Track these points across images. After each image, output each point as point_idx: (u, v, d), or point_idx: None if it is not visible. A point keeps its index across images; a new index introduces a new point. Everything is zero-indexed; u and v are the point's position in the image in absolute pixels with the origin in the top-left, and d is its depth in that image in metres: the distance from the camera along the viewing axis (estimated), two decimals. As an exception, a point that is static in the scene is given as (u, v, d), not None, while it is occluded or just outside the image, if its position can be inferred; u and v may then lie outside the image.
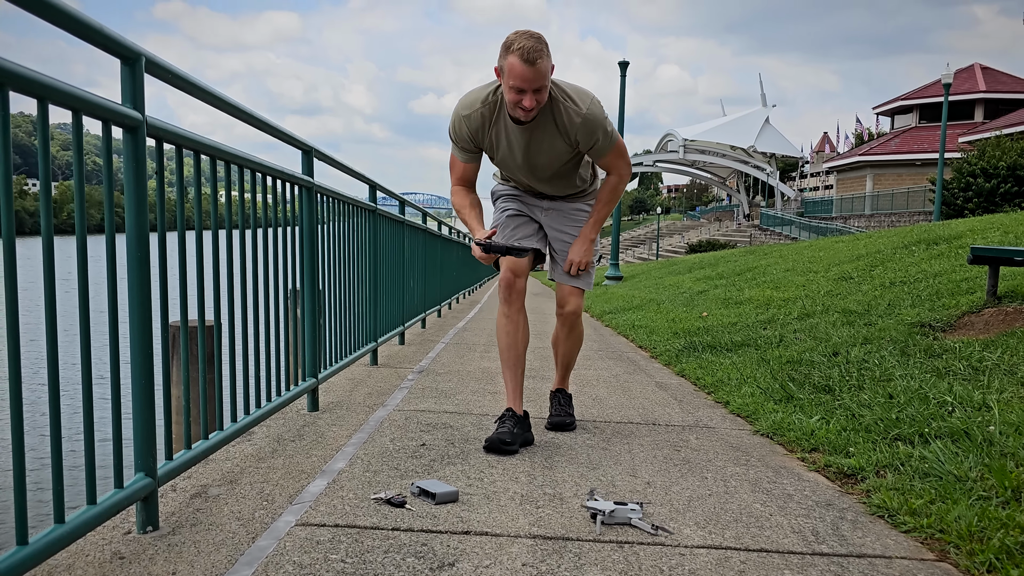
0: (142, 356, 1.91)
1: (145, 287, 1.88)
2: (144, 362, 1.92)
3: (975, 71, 40.31)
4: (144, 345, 1.91)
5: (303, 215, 3.42)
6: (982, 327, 4.86)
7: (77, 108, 1.62)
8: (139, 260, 1.86)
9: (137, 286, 1.86)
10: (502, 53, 2.68)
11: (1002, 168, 21.83)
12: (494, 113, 2.87)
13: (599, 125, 2.85)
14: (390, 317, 5.80)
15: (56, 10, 1.53)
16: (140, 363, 1.91)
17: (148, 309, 1.90)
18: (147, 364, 1.92)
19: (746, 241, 40.50)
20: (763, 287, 9.22)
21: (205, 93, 2.19)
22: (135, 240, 1.86)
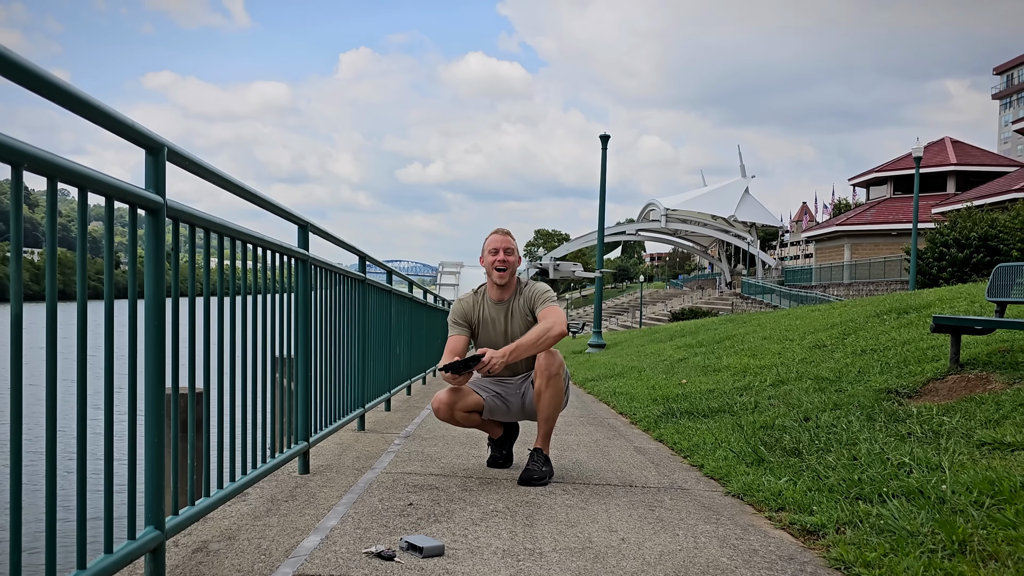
0: (155, 418, 2.08)
1: (160, 354, 2.07)
2: (156, 424, 2.09)
3: (946, 144, 41.66)
4: (157, 407, 2.08)
5: (299, 285, 3.63)
6: (945, 393, 5.08)
7: (110, 195, 1.83)
8: (156, 329, 2.05)
9: (153, 354, 2.04)
10: (484, 246, 3.93)
11: (974, 239, 22.48)
12: (479, 300, 4.01)
13: (544, 287, 3.96)
14: (377, 384, 5.95)
15: (92, 107, 1.74)
16: (153, 425, 2.08)
17: (163, 375, 2.08)
18: (159, 426, 2.09)
19: (728, 309, 40.97)
20: (741, 355, 9.46)
21: (219, 178, 2.42)
22: (153, 311, 2.06)
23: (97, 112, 1.76)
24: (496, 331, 3.96)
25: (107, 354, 1.84)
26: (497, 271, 3.85)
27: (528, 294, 3.94)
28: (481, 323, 3.99)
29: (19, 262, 1.48)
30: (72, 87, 1.63)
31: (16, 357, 1.49)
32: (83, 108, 1.71)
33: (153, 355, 2.06)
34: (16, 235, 1.46)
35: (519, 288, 3.97)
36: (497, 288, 3.93)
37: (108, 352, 1.84)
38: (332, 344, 4.36)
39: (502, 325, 3.95)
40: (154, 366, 2.06)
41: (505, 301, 3.94)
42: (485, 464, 4.21)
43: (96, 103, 1.75)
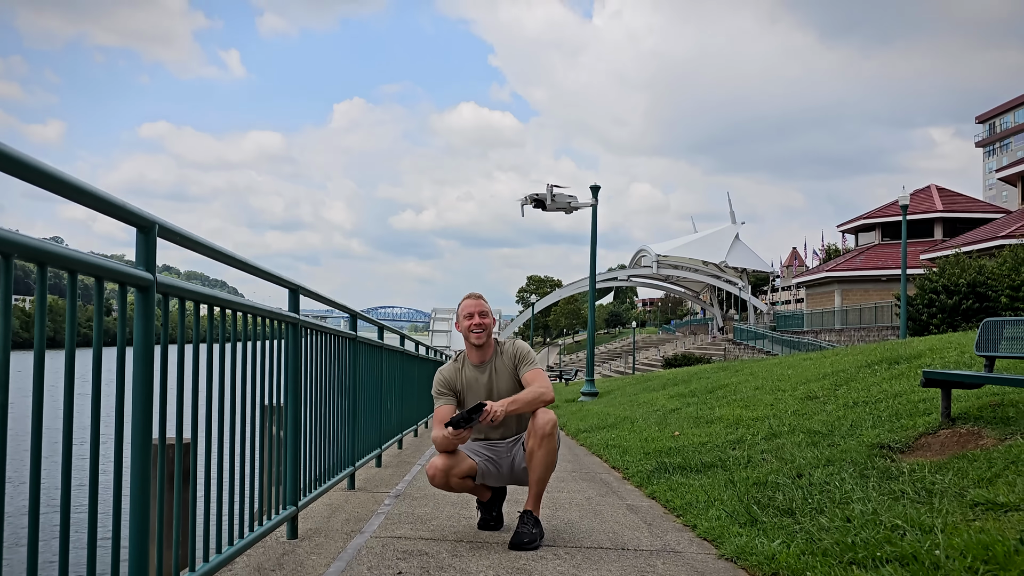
0: (141, 491, 2.06)
1: (147, 435, 2.06)
2: (142, 495, 2.07)
3: (932, 192, 42.22)
4: (143, 480, 2.06)
5: (288, 348, 3.63)
6: (938, 448, 5.08)
7: (100, 276, 1.85)
8: (143, 410, 2.05)
9: (140, 433, 2.03)
10: (458, 312, 4.03)
11: (963, 285, 22.63)
12: (460, 367, 4.08)
13: (525, 347, 4.03)
14: (367, 440, 5.91)
15: (81, 191, 1.76)
16: (139, 497, 2.06)
17: (148, 452, 2.07)
18: (144, 496, 2.07)
19: (721, 355, 40.97)
20: (733, 405, 9.43)
21: (210, 250, 2.44)
22: (141, 389, 2.05)
23: (86, 195, 1.79)
24: (482, 392, 3.99)
25: (93, 446, 1.83)
26: (474, 333, 3.95)
27: (510, 352, 4.02)
28: (466, 388, 4.04)
29: (7, 356, 1.49)
30: (60, 172, 1.65)
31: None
32: (72, 192, 1.73)
33: (140, 436, 2.05)
34: (5, 331, 1.46)
35: (498, 348, 4.05)
36: (476, 351, 3.99)
37: (94, 445, 1.83)
38: (322, 404, 4.34)
39: (487, 385, 3.99)
40: (140, 444, 2.05)
41: (486, 362, 4.02)
42: (475, 526, 4.16)
43: (85, 186, 1.77)
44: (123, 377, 2.00)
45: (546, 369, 12.40)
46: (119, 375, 1.98)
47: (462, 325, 4.00)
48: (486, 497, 4.10)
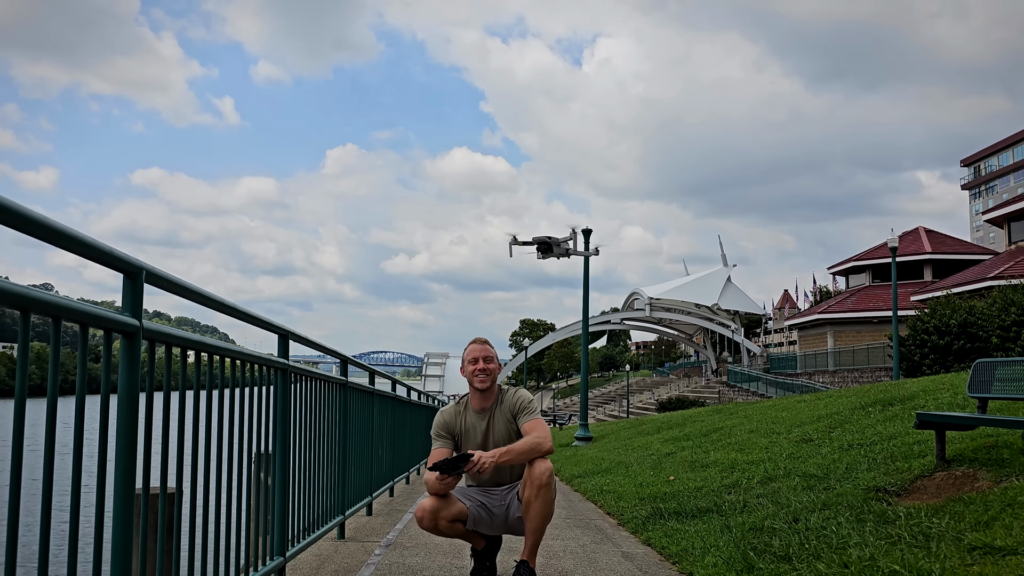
0: (123, 543, 2.01)
1: (130, 489, 2.01)
2: (124, 546, 2.02)
3: (920, 234, 42.59)
4: (125, 531, 2.02)
5: (277, 395, 3.59)
6: (934, 491, 5.03)
7: (85, 322, 1.83)
8: (127, 458, 2.01)
9: (123, 487, 1.99)
10: (463, 356, 3.98)
11: (954, 326, 22.71)
12: (461, 411, 4.03)
13: (526, 396, 3.99)
14: (358, 488, 5.82)
15: (68, 237, 1.75)
16: (120, 549, 2.01)
17: (131, 502, 2.02)
18: (126, 548, 2.02)
19: (715, 398, 40.81)
20: (728, 449, 9.36)
21: (198, 296, 2.42)
22: (125, 439, 2.02)
23: (73, 241, 1.78)
24: (478, 439, 3.95)
25: (73, 496, 1.79)
26: (478, 378, 3.91)
27: (510, 401, 3.97)
28: (464, 433, 3.99)
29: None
30: (46, 218, 1.64)
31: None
32: (59, 238, 1.72)
33: (123, 491, 2.01)
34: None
35: (500, 395, 4.01)
36: (479, 396, 3.94)
37: (75, 495, 1.79)
38: (311, 451, 4.28)
39: (484, 432, 3.95)
40: (123, 500, 2.00)
41: (487, 409, 3.97)
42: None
43: (71, 232, 1.76)
44: (106, 425, 1.96)
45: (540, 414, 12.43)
46: (102, 423, 1.95)
47: (467, 369, 3.96)
48: (480, 545, 4.03)
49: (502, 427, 3.95)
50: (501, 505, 3.89)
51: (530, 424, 3.87)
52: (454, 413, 4.03)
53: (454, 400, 4.17)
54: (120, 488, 2.02)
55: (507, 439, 3.90)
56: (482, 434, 3.95)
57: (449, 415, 4.03)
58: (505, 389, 4.04)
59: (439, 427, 4.00)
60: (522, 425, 3.88)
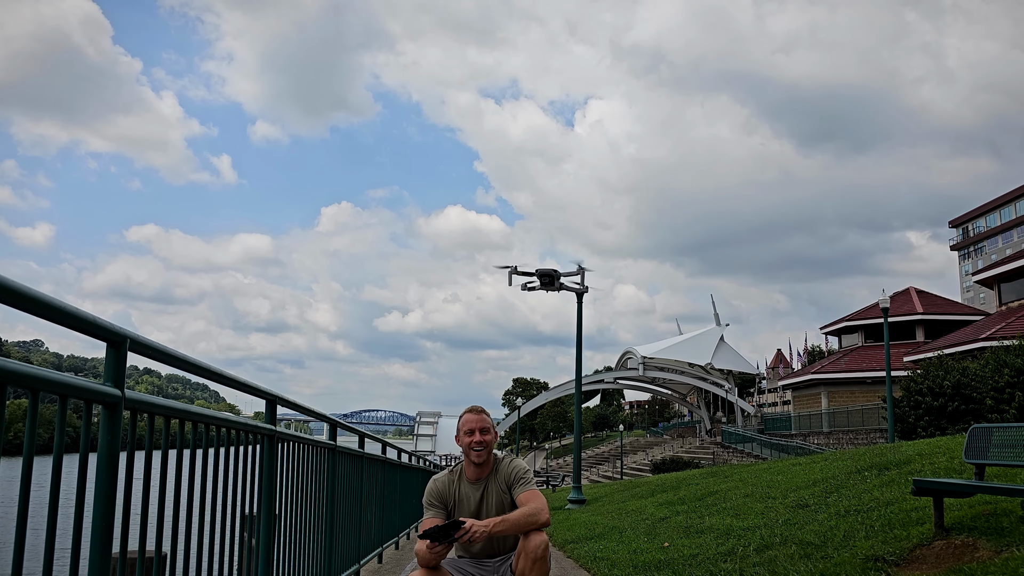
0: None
1: (106, 554, 1.95)
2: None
3: (911, 294, 42.86)
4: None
5: (264, 463, 3.51)
6: (933, 560, 4.93)
7: (65, 394, 1.79)
8: (103, 528, 1.95)
9: (98, 562, 1.92)
10: (459, 425, 3.85)
11: (947, 387, 22.65)
12: (455, 480, 3.90)
13: (522, 466, 3.88)
14: (346, 555, 5.68)
15: (50, 307, 1.72)
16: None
17: (107, 573, 1.95)
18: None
19: (709, 458, 40.39)
20: (723, 514, 9.21)
21: (184, 363, 2.39)
22: (103, 506, 1.95)
23: (55, 311, 1.75)
24: (471, 509, 3.84)
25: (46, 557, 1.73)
26: (474, 451, 3.79)
27: (505, 471, 3.86)
28: (457, 503, 3.87)
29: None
30: (24, 287, 1.61)
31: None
32: (41, 308, 1.69)
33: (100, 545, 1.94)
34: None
35: (496, 465, 3.90)
36: (474, 467, 3.84)
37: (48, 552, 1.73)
38: (298, 517, 4.18)
39: (478, 503, 3.84)
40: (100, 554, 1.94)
41: (482, 479, 3.86)
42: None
43: (54, 302, 1.73)
44: (82, 498, 1.90)
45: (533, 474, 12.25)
46: (78, 494, 1.89)
47: (463, 440, 3.83)
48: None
49: (496, 498, 3.84)
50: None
51: (526, 495, 3.77)
52: (447, 482, 3.92)
53: (447, 465, 4.06)
54: (96, 553, 1.95)
55: (501, 510, 3.80)
56: (476, 504, 3.84)
57: (442, 484, 3.91)
58: (501, 458, 3.94)
59: (431, 495, 3.89)
60: (517, 496, 3.78)
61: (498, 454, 3.95)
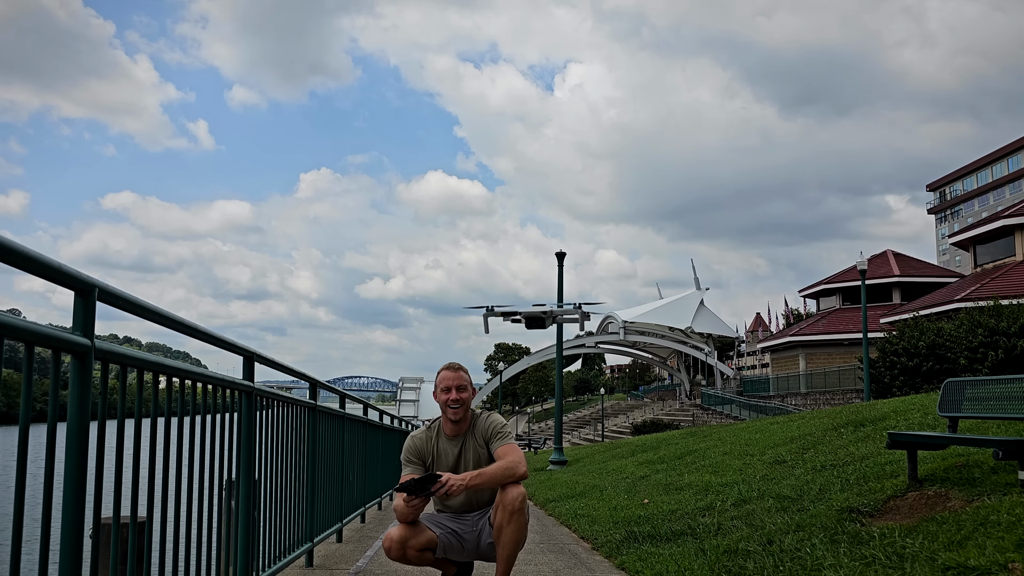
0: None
1: (79, 518, 1.92)
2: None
3: (888, 257, 43.25)
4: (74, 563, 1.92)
5: (242, 418, 3.49)
6: (907, 511, 5.02)
7: (31, 341, 1.75)
8: (76, 484, 1.92)
9: (72, 513, 1.90)
10: (436, 382, 3.86)
11: (922, 347, 22.97)
12: (433, 436, 3.91)
13: (499, 421, 3.91)
14: (328, 515, 5.70)
15: (17, 254, 1.68)
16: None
17: (80, 534, 1.93)
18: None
19: (689, 421, 40.88)
20: (702, 471, 9.33)
21: (155, 315, 2.35)
22: (74, 466, 1.93)
23: (22, 258, 1.70)
24: (449, 464, 3.86)
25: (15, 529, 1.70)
26: (451, 408, 3.80)
27: (483, 426, 3.88)
28: (435, 459, 3.89)
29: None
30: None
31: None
32: (8, 256, 1.65)
33: (71, 519, 1.91)
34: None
35: (474, 421, 3.92)
36: (452, 424, 3.85)
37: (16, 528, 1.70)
38: (278, 476, 4.18)
39: (455, 459, 3.86)
40: (71, 529, 1.91)
41: (460, 436, 3.88)
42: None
43: (21, 249, 1.69)
44: (53, 451, 1.87)
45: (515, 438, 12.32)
46: (48, 448, 1.86)
47: (439, 398, 3.85)
48: (451, 572, 3.93)
49: (474, 453, 3.86)
50: (473, 531, 3.80)
51: (503, 449, 3.79)
52: (425, 438, 3.92)
53: (425, 425, 4.06)
54: (69, 517, 1.92)
55: (479, 465, 3.81)
56: (454, 459, 3.86)
57: (420, 440, 3.92)
58: (478, 413, 3.96)
59: (409, 452, 3.90)
60: (495, 450, 3.79)
61: (476, 410, 3.96)
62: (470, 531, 3.80)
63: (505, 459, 3.71)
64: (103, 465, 2.12)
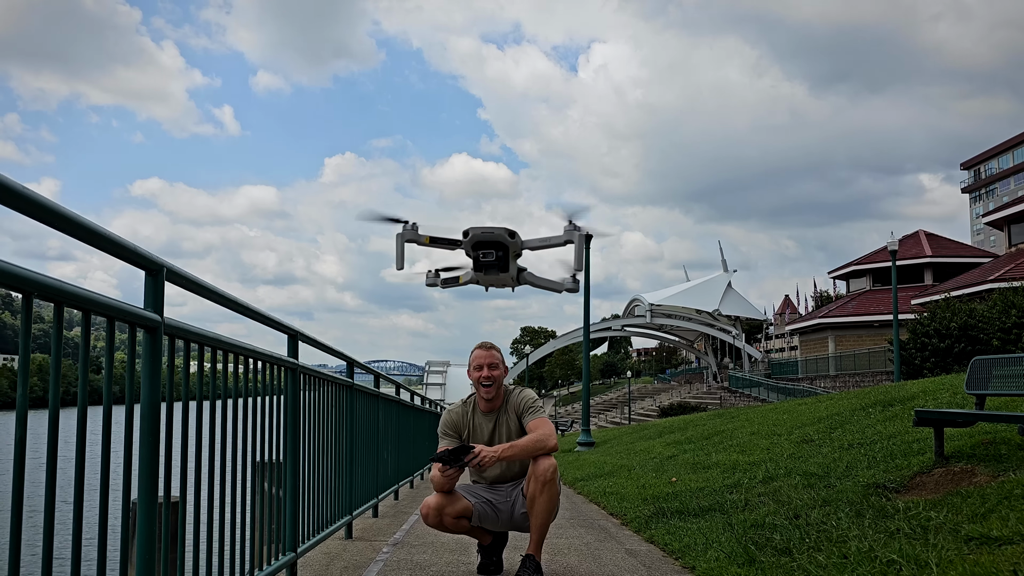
0: (147, 551, 2.09)
1: (155, 465, 2.10)
2: (148, 554, 2.10)
3: (920, 237, 42.70)
4: (149, 539, 2.10)
5: (287, 394, 3.67)
6: (932, 487, 5.10)
7: (112, 316, 1.92)
8: (151, 441, 2.09)
9: (148, 465, 2.08)
10: (469, 361, 4.03)
11: (954, 328, 22.78)
12: (468, 410, 4.10)
13: (531, 395, 4.08)
14: (365, 489, 5.90)
15: (95, 233, 1.84)
16: (145, 557, 2.09)
17: (155, 510, 2.10)
18: (150, 555, 2.10)
19: (716, 403, 40.85)
20: (730, 451, 9.43)
21: (216, 295, 2.52)
22: (148, 423, 2.10)
23: (100, 238, 1.87)
24: (484, 438, 4.02)
25: (103, 472, 1.87)
26: (484, 386, 3.98)
27: (515, 401, 4.05)
28: (471, 433, 4.06)
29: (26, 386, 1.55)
30: (76, 215, 1.73)
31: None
32: (87, 234, 1.81)
33: (148, 466, 2.09)
34: (24, 358, 1.53)
35: (507, 396, 4.09)
36: (485, 401, 4.03)
37: (104, 471, 1.88)
38: (320, 450, 4.37)
39: (490, 433, 4.03)
40: (148, 478, 2.09)
41: (494, 411, 4.05)
42: (475, 571, 4.15)
43: (100, 229, 1.85)
44: (131, 425, 2.05)
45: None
46: (127, 422, 2.03)
47: (472, 375, 4.03)
48: (487, 541, 4.10)
49: (507, 426, 4.03)
50: (506, 501, 3.96)
51: (535, 422, 3.94)
52: (461, 412, 4.11)
53: (461, 400, 4.24)
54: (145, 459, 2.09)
55: (511, 438, 3.97)
56: (488, 433, 4.03)
57: (456, 414, 4.11)
58: (511, 389, 4.11)
59: (446, 425, 4.08)
60: (527, 424, 3.95)
61: (509, 386, 4.12)
62: (504, 501, 3.97)
63: (536, 432, 3.87)
64: (172, 437, 2.29)
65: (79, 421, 1.76)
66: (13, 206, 1.53)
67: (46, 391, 1.80)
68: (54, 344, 1.68)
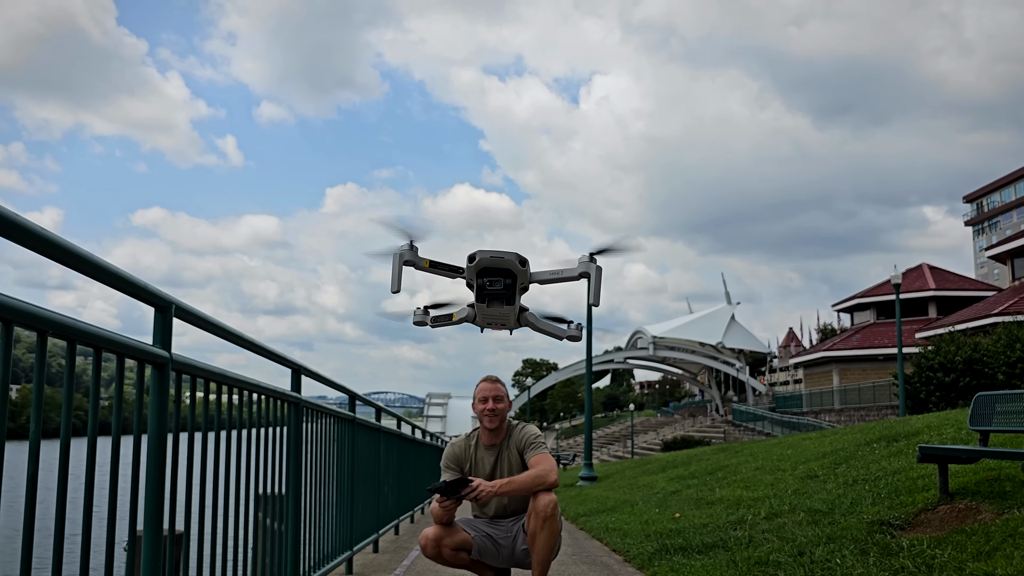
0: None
1: (160, 498, 2.12)
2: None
3: (924, 270, 42.74)
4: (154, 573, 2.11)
5: (290, 427, 3.69)
6: (937, 524, 5.08)
7: (122, 353, 1.95)
8: (157, 474, 2.11)
9: (152, 513, 2.09)
10: (474, 394, 4.06)
11: (959, 363, 22.69)
12: (471, 444, 4.11)
13: (533, 431, 4.08)
14: (365, 525, 5.87)
15: (104, 270, 1.88)
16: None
17: (160, 543, 2.12)
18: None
19: (720, 437, 40.59)
20: (734, 486, 9.38)
21: (222, 331, 2.55)
22: (155, 456, 2.12)
23: (109, 274, 1.90)
24: (486, 472, 4.03)
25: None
26: (487, 418, 4.00)
27: (518, 436, 4.06)
28: (473, 466, 4.07)
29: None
30: (86, 252, 1.76)
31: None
32: (98, 272, 1.85)
33: (153, 500, 2.11)
34: (38, 395, 1.55)
35: (509, 431, 4.10)
36: (488, 433, 4.04)
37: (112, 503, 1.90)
38: (322, 484, 4.37)
39: (491, 467, 4.03)
40: (153, 513, 2.11)
41: (497, 445, 4.06)
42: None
43: (108, 266, 1.89)
44: (138, 457, 2.06)
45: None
46: (135, 454, 2.05)
47: (476, 408, 4.06)
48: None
49: (509, 461, 4.03)
50: (507, 536, 3.95)
51: (536, 458, 3.94)
52: (464, 446, 4.12)
53: (465, 434, 4.25)
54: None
55: (513, 473, 3.97)
56: (490, 467, 4.03)
57: (459, 448, 4.12)
58: (514, 424, 4.12)
59: (448, 459, 4.08)
60: (528, 459, 3.96)
61: (512, 421, 4.13)
62: (505, 536, 3.96)
63: (536, 468, 3.88)
64: (177, 468, 2.31)
65: (88, 454, 1.79)
66: (40, 252, 1.57)
67: (45, 423, 1.82)
68: (66, 380, 1.71)
